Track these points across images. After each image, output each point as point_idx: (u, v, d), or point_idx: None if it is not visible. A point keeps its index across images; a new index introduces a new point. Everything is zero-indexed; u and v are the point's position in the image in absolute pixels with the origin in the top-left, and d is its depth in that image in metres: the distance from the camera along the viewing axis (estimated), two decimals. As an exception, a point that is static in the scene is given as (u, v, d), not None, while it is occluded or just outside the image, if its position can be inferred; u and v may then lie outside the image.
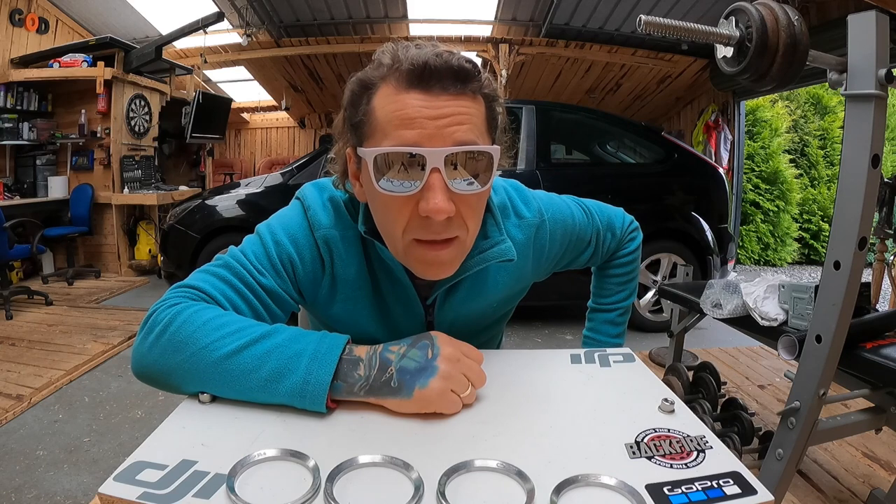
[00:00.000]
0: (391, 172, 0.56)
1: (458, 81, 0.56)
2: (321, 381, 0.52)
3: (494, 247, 0.68)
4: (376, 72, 0.59)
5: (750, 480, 0.43)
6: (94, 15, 5.08)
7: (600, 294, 0.94)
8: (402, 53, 0.57)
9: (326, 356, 0.54)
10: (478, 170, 0.57)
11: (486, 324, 0.80)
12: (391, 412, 0.53)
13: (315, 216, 0.67)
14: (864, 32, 0.98)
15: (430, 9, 5.32)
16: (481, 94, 0.59)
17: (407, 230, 0.59)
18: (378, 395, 0.54)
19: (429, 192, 0.55)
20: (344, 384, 0.54)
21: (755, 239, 6.08)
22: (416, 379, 0.53)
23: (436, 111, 0.55)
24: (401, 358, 0.55)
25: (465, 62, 0.57)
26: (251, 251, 0.66)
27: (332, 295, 0.70)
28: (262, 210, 0.70)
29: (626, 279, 0.92)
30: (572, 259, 0.85)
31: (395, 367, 0.54)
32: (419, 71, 0.55)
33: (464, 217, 0.59)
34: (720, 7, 0.94)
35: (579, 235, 0.82)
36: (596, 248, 0.86)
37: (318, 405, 0.52)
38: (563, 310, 3.74)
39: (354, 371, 0.54)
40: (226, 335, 0.55)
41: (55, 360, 2.78)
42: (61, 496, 1.72)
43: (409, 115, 0.55)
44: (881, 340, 1.34)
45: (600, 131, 3.98)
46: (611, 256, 0.90)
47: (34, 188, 4.75)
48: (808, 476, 1.73)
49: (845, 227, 1.07)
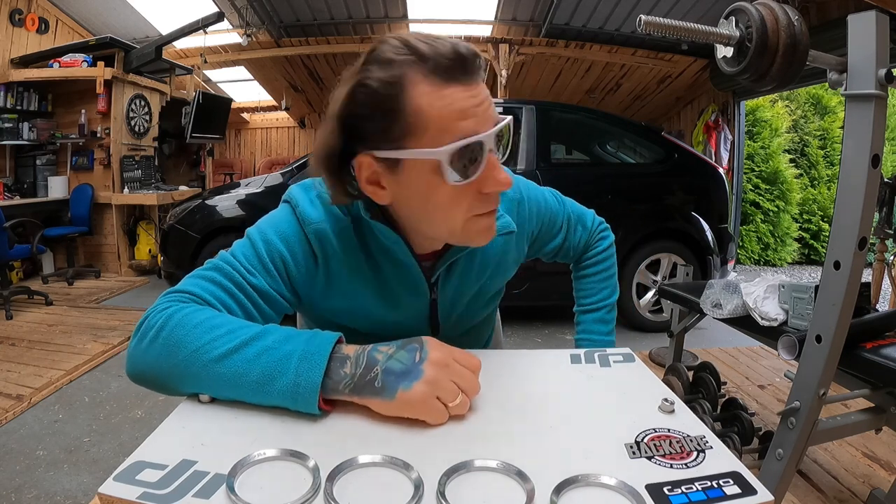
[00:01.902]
0: (459, 165, 0.58)
1: (479, 66, 0.60)
2: (312, 382, 0.51)
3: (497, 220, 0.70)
4: (397, 70, 0.56)
5: (750, 480, 0.43)
6: (94, 15, 5.08)
7: (583, 296, 0.96)
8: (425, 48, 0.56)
9: (315, 356, 0.53)
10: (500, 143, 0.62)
11: (483, 301, 0.82)
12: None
13: (304, 212, 0.68)
14: (864, 32, 0.98)
15: (430, 9, 5.32)
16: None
17: (469, 210, 0.61)
18: (362, 394, 0.53)
19: (494, 170, 0.59)
20: (330, 381, 0.53)
21: (755, 239, 6.09)
22: (401, 381, 0.52)
23: (479, 98, 0.58)
24: (388, 359, 0.54)
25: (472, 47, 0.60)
26: (241, 253, 0.66)
27: (328, 288, 0.70)
28: (262, 210, 0.70)
29: (604, 276, 0.94)
30: (544, 244, 0.88)
31: (381, 367, 0.53)
32: (457, 62, 0.57)
33: None
34: (720, 7, 0.94)
35: (552, 218, 0.86)
36: (566, 237, 0.89)
37: (311, 406, 0.52)
38: (563, 310, 3.71)
39: (341, 368, 0.53)
40: (217, 337, 0.55)
41: (55, 360, 2.78)
42: (61, 496, 1.72)
43: (462, 107, 0.57)
44: (881, 340, 1.35)
45: (600, 131, 3.98)
46: (583, 255, 0.93)
47: (34, 188, 4.75)
48: (808, 476, 1.73)
49: (845, 227, 1.07)
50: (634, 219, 3.39)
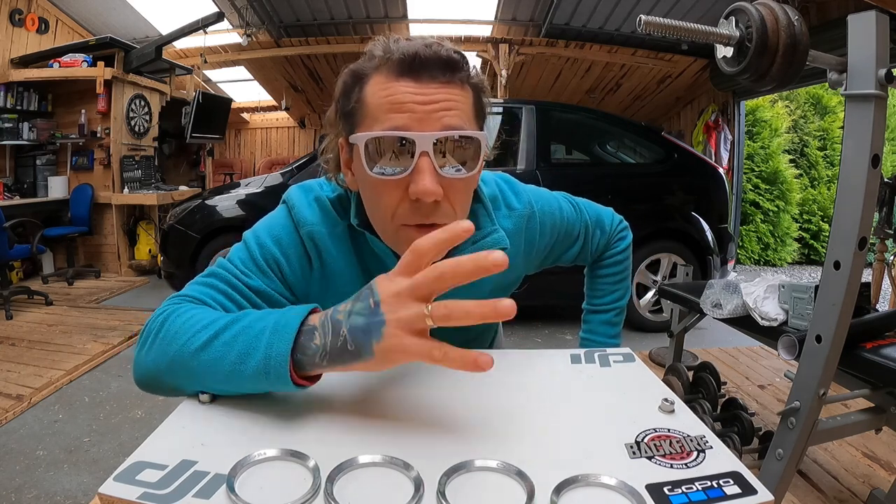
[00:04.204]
0: (382, 157, 0.58)
1: (447, 70, 0.58)
2: (281, 354, 0.48)
3: (488, 236, 0.70)
4: (369, 63, 0.60)
5: (750, 480, 0.43)
6: (94, 15, 5.08)
7: (594, 295, 0.94)
8: (393, 45, 0.59)
9: (286, 328, 0.50)
10: (466, 157, 0.59)
11: None
12: (391, 412, 0.53)
13: (299, 214, 0.68)
14: (864, 32, 0.98)
15: (430, 9, 5.32)
16: (469, 84, 0.62)
17: (396, 215, 0.60)
18: (340, 362, 0.48)
19: (418, 174, 0.56)
20: (304, 357, 0.49)
21: (755, 239, 6.09)
22: (370, 335, 0.46)
23: (426, 97, 0.57)
24: (349, 316, 0.48)
25: (453, 53, 0.59)
26: (237, 257, 0.67)
27: (323, 290, 0.70)
28: (262, 210, 0.70)
29: (619, 278, 0.92)
30: (561, 253, 0.85)
31: (346, 327, 0.48)
32: (410, 60, 0.57)
33: (452, 202, 0.60)
34: (720, 7, 0.94)
35: (567, 229, 0.83)
36: (585, 244, 0.86)
37: (284, 381, 0.48)
38: (563, 310, 3.74)
39: (311, 342, 0.49)
40: (202, 328, 0.54)
41: (55, 360, 2.78)
42: (61, 496, 1.72)
43: (399, 99, 0.57)
44: (881, 340, 1.35)
45: (600, 131, 3.98)
46: (601, 256, 0.91)
47: (34, 188, 4.75)
48: (808, 476, 1.73)
49: (845, 227, 1.07)
50: (634, 219, 3.35)
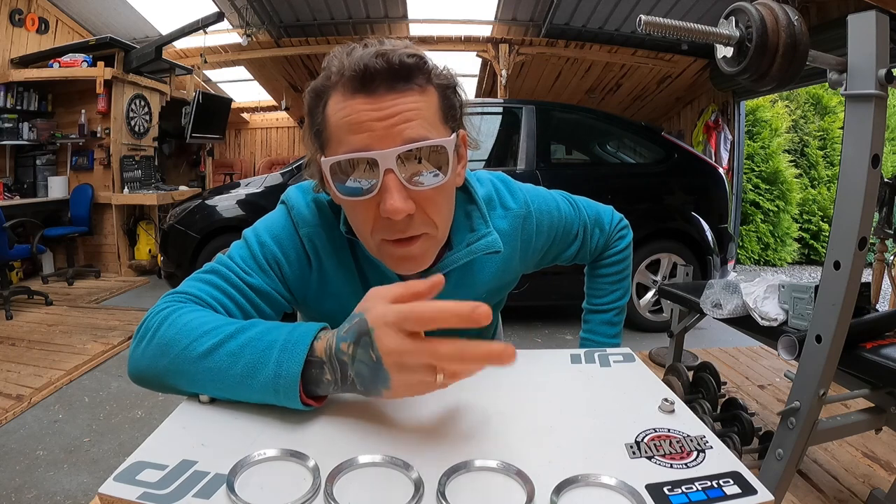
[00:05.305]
0: (349, 178, 0.57)
1: (400, 79, 0.56)
2: (292, 374, 0.49)
3: (481, 239, 0.69)
4: (327, 81, 0.59)
5: (750, 480, 0.43)
6: (94, 15, 5.08)
7: (594, 295, 0.93)
8: (346, 60, 0.57)
9: (296, 346, 0.50)
10: (440, 161, 0.58)
11: None
12: (391, 412, 0.53)
13: (299, 215, 0.68)
14: (864, 32, 0.98)
15: (429, 9, 5.32)
16: (433, 84, 0.59)
17: (374, 231, 0.60)
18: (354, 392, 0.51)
19: (385, 193, 0.56)
20: (318, 389, 0.51)
21: (755, 239, 6.09)
22: (377, 384, 0.48)
23: (382, 112, 0.55)
24: (353, 361, 0.48)
25: (406, 58, 0.56)
26: (237, 254, 0.67)
27: (322, 291, 0.70)
28: (262, 210, 0.70)
29: (619, 278, 0.91)
30: (560, 252, 0.84)
31: (352, 373, 0.49)
32: (360, 75, 0.55)
33: (427, 213, 0.59)
34: (720, 7, 0.94)
35: (566, 228, 0.82)
36: (583, 243, 0.85)
37: (293, 400, 0.49)
38: (563, 310, 3.74)
39: (323, 376, 0.50)
40: (204, 333, 0.54)
41: (55, 360, 2.78)
42: (61, 496, 1.72)
43: (356, 119, 0.56)
44: (881, 340, 1.35)
45: (600, 131, 3.99)
46: (600, 255, 0.90)
47: (34, 188, 4.75)
48: (808, 476, 1.73)
49: (845, 227, 1.07)
50: (634, 219, 3.35)
